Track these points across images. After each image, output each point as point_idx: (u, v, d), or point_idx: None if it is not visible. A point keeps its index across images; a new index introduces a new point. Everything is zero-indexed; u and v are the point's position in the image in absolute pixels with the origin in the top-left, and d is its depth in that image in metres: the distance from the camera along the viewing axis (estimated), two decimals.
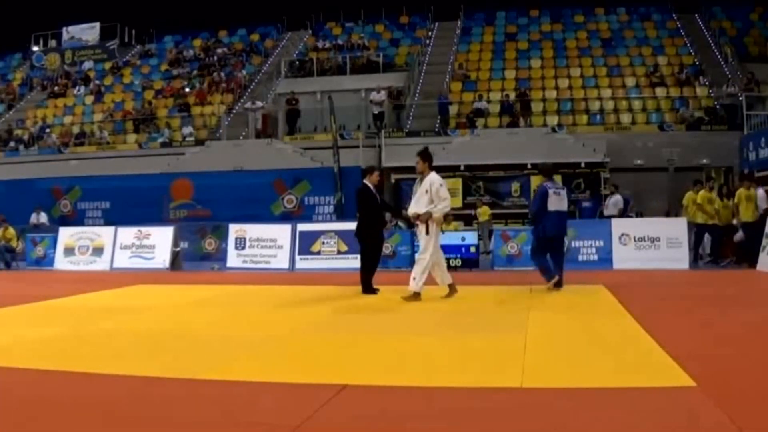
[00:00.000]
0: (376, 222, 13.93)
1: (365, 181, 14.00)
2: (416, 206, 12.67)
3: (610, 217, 21.62)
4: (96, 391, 6.27)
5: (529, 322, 9.60)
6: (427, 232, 12.43)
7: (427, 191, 12.53)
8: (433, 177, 12.66)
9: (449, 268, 18.46)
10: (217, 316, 11.21)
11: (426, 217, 12.46)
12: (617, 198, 22.98)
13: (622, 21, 37.48)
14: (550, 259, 13.70)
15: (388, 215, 17.72)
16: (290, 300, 12.89)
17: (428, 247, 12.55)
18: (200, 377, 6.63)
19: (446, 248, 19.34)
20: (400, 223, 22.39)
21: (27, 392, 6.30)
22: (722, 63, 32.67)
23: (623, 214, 22.47)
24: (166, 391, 6.22)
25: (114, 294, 14.66)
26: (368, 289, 13.54)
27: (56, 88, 40.83)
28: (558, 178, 25.96)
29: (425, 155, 12.83)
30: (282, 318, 10.94)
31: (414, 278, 12.38)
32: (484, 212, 25.80)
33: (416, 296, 12.28)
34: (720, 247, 19.56)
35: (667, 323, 9.40)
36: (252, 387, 6.30)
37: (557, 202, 13.56)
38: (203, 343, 8.76)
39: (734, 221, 19.35)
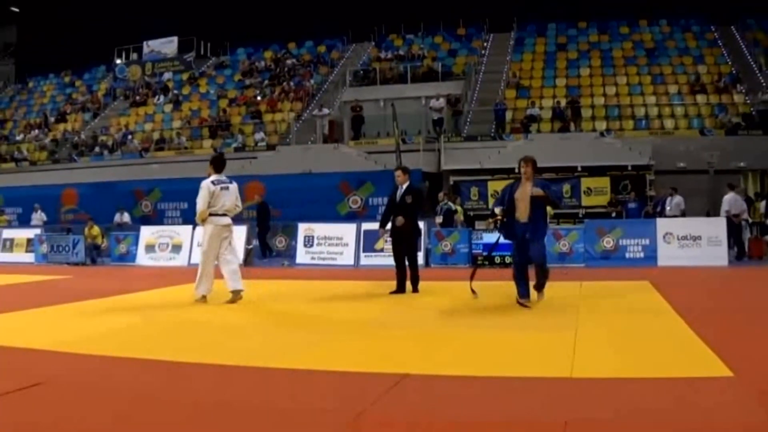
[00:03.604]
0: (393, 221, 13.43)
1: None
2: None
3: (673, 217, 21.73)
4: (167, 377, 6.53)
5: (579, 316, 9.71)
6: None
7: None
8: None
9: (506, 266, 18.58)
10: (284, 308, 11.53)
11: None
12: (679, 199, 22.98)
13: (664, 32, 38.11)
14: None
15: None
16: (354, 294, 13.24)
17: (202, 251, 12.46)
18: (269, 366, 6.81)
19: (504, 247, 19.93)
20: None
21: (103, 378, 6.53)
22: (757, 72, 33.38)
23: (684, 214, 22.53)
24: (237, 379, 6.41)
25: (191, 288, 15.04)
26: (398, 287, 13.23)
27: (137, 97, 42.74)
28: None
29: (211, 161, 12.62)
30: (346, 311, 11.19)
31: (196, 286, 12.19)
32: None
33: (203, 299, 12.00)
34: None
35: (707, 317, 9.41)
36: (315, 375, 6.43)
37: None
38: (271, 334, 9.09)
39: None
